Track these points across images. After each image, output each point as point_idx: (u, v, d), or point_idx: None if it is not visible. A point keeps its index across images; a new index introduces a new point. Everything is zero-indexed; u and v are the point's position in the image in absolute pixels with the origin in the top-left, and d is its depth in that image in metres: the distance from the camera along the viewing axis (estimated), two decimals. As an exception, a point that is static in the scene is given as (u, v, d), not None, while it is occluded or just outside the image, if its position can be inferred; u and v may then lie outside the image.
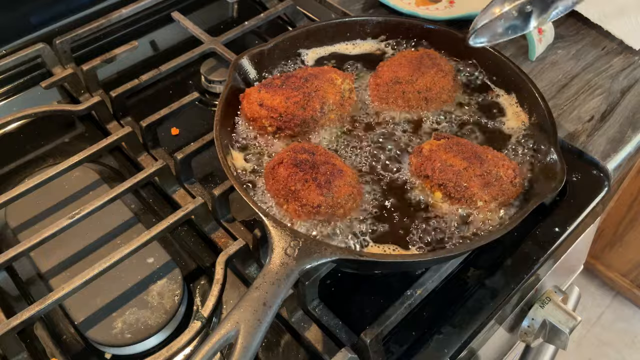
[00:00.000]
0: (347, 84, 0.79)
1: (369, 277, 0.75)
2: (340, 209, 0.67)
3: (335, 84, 0.78)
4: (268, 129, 0.76)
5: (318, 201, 0.65)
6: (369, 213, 0.70)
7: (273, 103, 0.74)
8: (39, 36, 1.03)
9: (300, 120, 0.74)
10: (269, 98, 0.74)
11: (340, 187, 0.67)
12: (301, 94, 0.75)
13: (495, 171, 0.68)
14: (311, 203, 0.65)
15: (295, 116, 0.74)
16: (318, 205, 0.65)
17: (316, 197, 0.65)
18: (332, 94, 0.77)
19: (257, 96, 0.75)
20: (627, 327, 2.03)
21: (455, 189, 0.69)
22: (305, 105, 0.74)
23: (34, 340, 0.69)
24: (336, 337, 0.68)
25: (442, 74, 0.80)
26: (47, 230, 0.71)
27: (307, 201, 0.66)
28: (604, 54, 1.00)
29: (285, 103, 0.74)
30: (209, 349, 0.51)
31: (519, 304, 0.78)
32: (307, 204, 0.66)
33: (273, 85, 0.76)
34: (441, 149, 0.71)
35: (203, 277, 0.76)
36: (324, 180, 0.66)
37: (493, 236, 0.63)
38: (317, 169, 0.67)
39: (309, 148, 0.70)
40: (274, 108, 0.74)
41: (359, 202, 0.70)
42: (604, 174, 0.83)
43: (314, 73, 0.78)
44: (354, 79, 0.81)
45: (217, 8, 1.16)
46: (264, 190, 0.71)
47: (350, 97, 0.80)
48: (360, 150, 0.76)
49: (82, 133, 0.94)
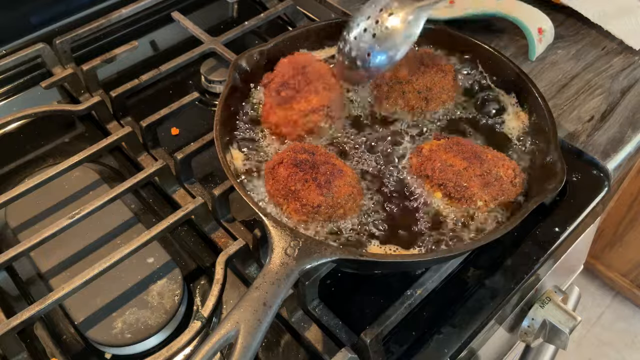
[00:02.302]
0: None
1: (369, 277, 0.75)
2: (340, 209, 0.67)
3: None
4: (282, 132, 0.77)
5: (318, 201, 0.65)
6: (369, 213, 0.70)
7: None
8: (39, 36, 1.03)
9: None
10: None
11: (340, 187, 0.67)
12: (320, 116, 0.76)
13: (495, 171, 0.68)
14: (311, 203, 0.65)
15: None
16: (318, 205, 0.65)
17: (316, 197, 0.65)
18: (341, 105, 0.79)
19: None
20: (627, 327, 2.03)
21: (455, 189, 0.69)
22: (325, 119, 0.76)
23: (34, 340, 0.69)
24: (336, 337, 0.68)
25: (442, 74, 0.80)
26: (47, 230, 0.71)
27: (307, 201, 0.66)
28: (604, 54, 1.00)
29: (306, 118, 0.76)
30: (209, 349, 0.51)
31: (519, 304, 0.78)
32: (307, 204, 0.66)
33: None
34: (441, 149, 0.71)
35: (203, 277, 0.76)
36: (324, 180, 0.66)
37: (493, 236, 0.63)
38: (317, 169, 0.67)
39: (309, 148, 0.70)
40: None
41: (359, 202, 0.70)
42: (604, 174, 0.83)
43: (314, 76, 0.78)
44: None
45: (217, 8, 1.16)
46: (264, 190, 0.71)
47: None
48: (360, 150, 0.76)
49: (82, 133, 0.94)
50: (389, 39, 0.70)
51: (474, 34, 0.86)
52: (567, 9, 1.05)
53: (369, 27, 0.71)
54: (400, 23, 0.69)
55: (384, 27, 0.70)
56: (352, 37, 0.73)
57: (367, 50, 0.71)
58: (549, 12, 1.00)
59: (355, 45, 0.72)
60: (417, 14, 0.69)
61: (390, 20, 0.70)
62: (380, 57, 0.71)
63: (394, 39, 0.70)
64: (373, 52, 0.71)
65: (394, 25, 0.70)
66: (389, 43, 0.70)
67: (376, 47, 0.71)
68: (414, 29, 0.70)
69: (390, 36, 0.70)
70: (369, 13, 0.71)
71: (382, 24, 0.70)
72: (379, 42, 0.70)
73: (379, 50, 0.71)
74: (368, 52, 0.71)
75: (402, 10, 0.69)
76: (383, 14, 0.70)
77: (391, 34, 0.70)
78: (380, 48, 0.71)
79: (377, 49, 0.71)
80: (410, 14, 0.69)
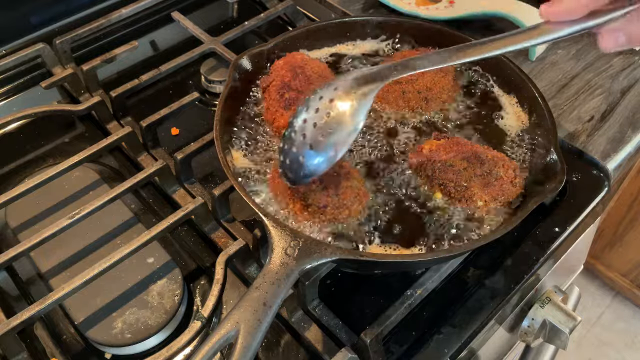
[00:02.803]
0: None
1: (369, 277, 0.75)
2: (345, 210, 0.67)
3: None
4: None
5: (324, 201, 0.65)
6: (370, 213, 0.70)
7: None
8: (39, 36, 1.03)
9: None
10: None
11: (346, 188, 0.67)
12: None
13: (496, 171, 0.68)
14: (317, 203, 0.65)
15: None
16: (324, 206, 0.65)
17: (322, 197, 0.65)
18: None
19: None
20: (627, 327, 2.03)
21: (455, 188, 0.69)
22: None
23: (34, 340, 0.69)
24: (336, 337, 0.68)
25: (442, 74, 0.80)
26: (47, 230, 0.71)
27: (312, 201, 0.66)
28: (604, 54, 1.00)
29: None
30: (209, 349, 0.51)
31: (519, 304, 0.78)
32: (312, 204, 0.66)
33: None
34: (441, 149, 0.71)
35: (203, 277, 0.76)
36: (330, 181, 0.66)
37: (493, 236, 0.63)
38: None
39: None
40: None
41: (364, 204, 0.70)
42: (604, 174, 0.83)
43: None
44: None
45: (217, 8, 1.16)
46: (263, 190, 0.71)
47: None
48: (360, 150, 0.76)
49: (82, 133, 0.94)
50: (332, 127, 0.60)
51: (474, 34, 0.86)
52: (567, 9, 1.05)
53: (309, 118, 0.61)
54: (347, 108, 0.59)
55: (326, 113, 0.60)
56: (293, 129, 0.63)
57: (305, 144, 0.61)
58: (549, 12, 1.00)
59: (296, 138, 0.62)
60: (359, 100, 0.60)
61: (335, 106, 0.60)
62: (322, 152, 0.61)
63: (340, 127, 0.60)
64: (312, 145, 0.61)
65: (339, 111, 0.59)
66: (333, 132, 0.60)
67: (319, 137, 0.60)
68: (360, 116, 0.60)
69: (335, 124, 0.60)
70: (309, 104, 0.62)
71: (324, 111, 0.60)
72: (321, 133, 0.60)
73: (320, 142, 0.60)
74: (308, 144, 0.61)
75: (346, 96, 0.60)
76: (324, 102, 0.61)
77: (336, 120, 0.60)
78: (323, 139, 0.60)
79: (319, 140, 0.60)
80: (355, 99, 0.60)
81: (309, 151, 0.61)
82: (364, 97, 0.60)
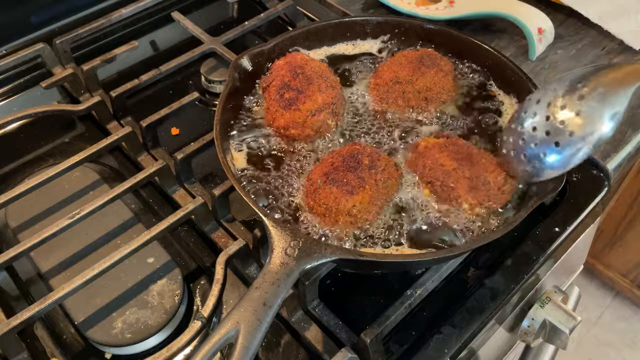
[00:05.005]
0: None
1: (369, 277, 0.75)
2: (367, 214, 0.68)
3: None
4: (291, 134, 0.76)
5: (349, 206, 0.66)
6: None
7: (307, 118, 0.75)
8: (39, 36, 1.03)
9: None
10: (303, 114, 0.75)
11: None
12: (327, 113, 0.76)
13: (484, 176, 0.68)
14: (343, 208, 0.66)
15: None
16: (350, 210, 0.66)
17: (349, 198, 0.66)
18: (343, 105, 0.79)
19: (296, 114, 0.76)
20: (627, 327, 2.03)
21: (442, 188, 0.68)
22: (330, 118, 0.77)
23: (34, 340, 0.69)
24: (336, 337, 0.68)
25: (442, 74, 0.80)
26: (47, 230, 0.71)
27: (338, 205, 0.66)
28: (604, 54, 1.00)
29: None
30: (209, 349, 0.51)
31: (519, 304, 0.78)
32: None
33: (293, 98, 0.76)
34: (436, 147, 0.71)
35: (203, 277, 0.76)
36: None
37: (493, 236, 0.63)
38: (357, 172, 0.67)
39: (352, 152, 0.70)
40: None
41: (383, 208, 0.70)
42: (604, 174, 0.83)
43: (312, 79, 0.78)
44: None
45: (217, 8, 1.16)
46: (263, 189, 0.71)
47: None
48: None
49: (82, 133, 0.94)
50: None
51: (474, 34, 0.86)
52: (567, 9, 1.05)
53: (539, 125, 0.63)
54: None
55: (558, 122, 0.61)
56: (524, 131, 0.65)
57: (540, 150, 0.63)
58: (549, 12, 1.00)
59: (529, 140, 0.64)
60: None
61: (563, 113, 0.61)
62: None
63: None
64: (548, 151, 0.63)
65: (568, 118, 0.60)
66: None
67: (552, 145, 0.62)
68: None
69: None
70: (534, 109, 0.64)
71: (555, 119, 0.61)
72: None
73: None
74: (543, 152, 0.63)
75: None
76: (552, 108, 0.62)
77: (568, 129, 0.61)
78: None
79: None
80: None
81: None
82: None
